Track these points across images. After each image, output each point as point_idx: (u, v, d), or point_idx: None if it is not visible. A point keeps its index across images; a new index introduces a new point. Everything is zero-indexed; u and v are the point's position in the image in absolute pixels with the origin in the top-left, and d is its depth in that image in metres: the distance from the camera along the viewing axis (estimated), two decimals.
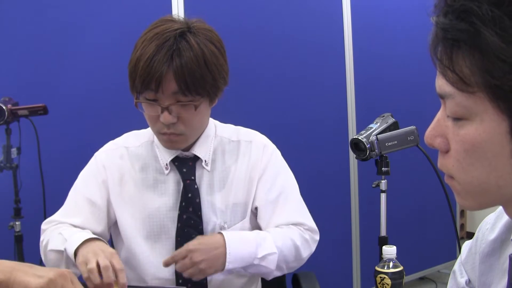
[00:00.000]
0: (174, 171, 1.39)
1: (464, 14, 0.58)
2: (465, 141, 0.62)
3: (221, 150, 1.43)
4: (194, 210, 1.36)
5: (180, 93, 1.24)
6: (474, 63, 0.58)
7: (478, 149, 0.61)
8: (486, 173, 0.62)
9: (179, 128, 1.29)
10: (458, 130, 0.63)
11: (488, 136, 0.60)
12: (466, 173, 0.64)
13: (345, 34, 2.98)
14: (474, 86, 0.59)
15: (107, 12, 2.43)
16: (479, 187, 0.64)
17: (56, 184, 2.29)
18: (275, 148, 1.48)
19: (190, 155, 1.39)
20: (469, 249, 0.89)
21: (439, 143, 0.67)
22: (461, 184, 0.66)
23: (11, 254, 2.11)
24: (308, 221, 1.44)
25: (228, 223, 1.39)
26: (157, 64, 1.20)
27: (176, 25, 1.26)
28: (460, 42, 0.59)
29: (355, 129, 3.01)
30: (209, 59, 1.25)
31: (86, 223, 1.38)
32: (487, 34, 0.56)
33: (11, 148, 2.06)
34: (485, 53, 0.57)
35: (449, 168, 0.66)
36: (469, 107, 0.61)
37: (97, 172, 1.42)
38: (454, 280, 0.93)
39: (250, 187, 1.41)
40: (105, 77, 2.40)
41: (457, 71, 0.60)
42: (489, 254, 0.81)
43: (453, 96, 0.62)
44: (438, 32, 0.61)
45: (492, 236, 0.81)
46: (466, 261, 0.90)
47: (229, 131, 1.46)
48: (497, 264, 0.79)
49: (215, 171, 1.40)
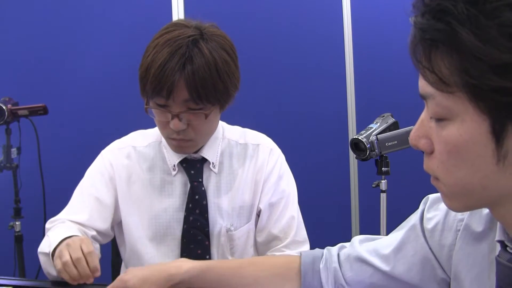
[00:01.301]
0: (181, 172, 1.38)
1: (441, 13, 0.57)
2: (447, 142, 0.62)
3: (228, 153, 1.42)
4: (201, 212, 1.36)
5: (191, 101, 1.22)
6: (452, 63, 0.58)
7: (461, 150, 0.61)
8: (470, 174, 0.62)
9: (189, 134, 1.28)
10: (441, 131, 0.63)
11: (469, 136, 0.59)
12: (450, 174, 0.63)
13: (345, 34, 2.98)
14: (453, 86, 0.59)
15: (107, 12, 2.43)
16: (464, 188, 0.63)
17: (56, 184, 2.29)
18: (280, 152, 1.48)
19: (198, 157, 1.38)
20: (436, 223, 0.87)
21: (423, 144, 0.66)
22: (446, 186, 0.65)
23: (11, 254, 2.12)
24: (298, 233, 1.43)
25: (235, 225, 1.39)
26: (169, 72, 1.19)
27: (189, 31, 1.24)
28: (438, 42, 0.58)
29: (355, 129, 3.01)
30: (221, 67, 1.23)
31: (91, 220, 1.36)
32: (463, 34, 0.55)
33: (11, 148, 2.06)
34: (462, 52, 0.56)
35: (434, 170, 0.66)
36: (449, 107, 0.60)
37: (105, 170, 1.40)
38: (415, 236, 0.90)
39: (256, 190, 1.41)
40: (105, 77, 2.41)
41: (436, 72, 0.60)
42: (471, 243, 0.79)
43: (433, 97, 0.62)
44: (417, 33, 0.61)
45: (478, 228, 0.78)
46: (432, 233, 0.87)
47: (236, 134, 1.46)
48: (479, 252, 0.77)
49: (222, 173, 1.40)
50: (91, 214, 1.37)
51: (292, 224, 1.42)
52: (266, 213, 1.41)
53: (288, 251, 1.40)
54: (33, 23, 2.32)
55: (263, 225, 1.42)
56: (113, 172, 1.40)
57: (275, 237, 1.41)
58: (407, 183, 3.15)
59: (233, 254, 1.40)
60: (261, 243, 1.43)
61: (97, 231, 1.37)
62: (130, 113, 2.36)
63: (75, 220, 1.37)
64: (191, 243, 1.35)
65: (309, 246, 1.45)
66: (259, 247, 1.44)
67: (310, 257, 1.01)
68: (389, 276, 0.92)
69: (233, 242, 1.39)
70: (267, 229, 1.42)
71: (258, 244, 1.44)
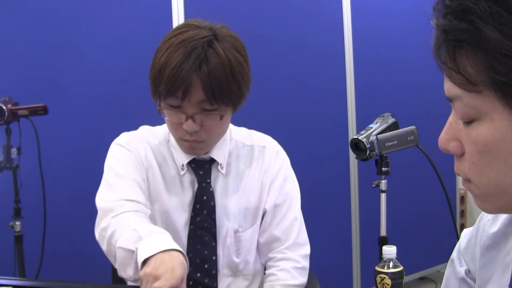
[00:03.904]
0: (189, 172, 1.38)
1: (463, 13, 0.57)
2: (478, 142, 0.62)
3: (235, 154, 1.42)
4: (208, 213, 1.36)
5: (206, 102, 1.22)
6: (478, 62, 0.57)
7: (492, 149, 0.61)
8: (502, 173, 0.61)
9: (202, 135, 1.28)
10: (470, 132, 0.62)
11: (500, 134, 0.59)
12: (482, 174, 0.63)
13: (345, 34, 2.98)
14: (480, 85, 0.58)
15: (107, 12, 2.43)
16: (496, 188, 0.63)
17: (56, 184, 2.29)
18: (285, 155, 1.49)
19: (207, 157, 1.38)
20: (469, 240, 0.88)
21: (453, 147, 0.66)
22: (479, 187, 0.65)
23: (11, 254, 2.11)
24: (300, 235, 1.43)
25: (243, 227, 1.39)
26: (185, 73, 1.19)
27: (203, 32, 1.24)
28: (462, 41, 0.58)
29: (355, 129, 3.01)
30: (235, 67, 1.24)
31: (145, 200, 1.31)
32: (487, 31, 0.55)
33: (11, 148, 2.06)
34: (487, 50, 0.56)
35: (466, 172, 0.66)
36: (478, 107, 0.60)
37: (132, 155, 1.35)
38: (452, 269, 0.92)
39: (262, 192, 1.41)
40: (105, 77, 2.41)
41: (462, 72, 0.59)
42: (490, 247, 0.80)
43: (461, 98, 0.61)
44: (440, 35, 0.61)
45: (493, 229, 0.80)
46: (466, 252, 0.89)
47: (243, 135, 1.47)
48: (497, 257, 0.78)
49: (229, 175, 1.40)
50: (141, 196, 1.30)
51: (294, 226, 1.43)
52: (270, 214, 1.42)
53: (290, 253, 1.41)
54: (33, 23, 2.32)
55: (266, 226, 1.43)
56: (140, 158, 1.36)
57: (276, 239, 1.42)
58: (407, 183, 3.16)
59: (239, 255, 1.40)
60: (263, 244, 1.43)
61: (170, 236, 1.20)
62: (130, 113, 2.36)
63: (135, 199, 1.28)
64: (197, 244, 1.35)
65: (309, 248, 1.46)
66: (260, 248, 1.45)
67: None
68: None
69: (239, 243, 1.39)
70: (269, 230, 1.42)
71: (260, 245, 1.44)
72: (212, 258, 1.36)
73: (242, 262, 1.41)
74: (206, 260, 1.35)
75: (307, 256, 1.44)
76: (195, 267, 1.34)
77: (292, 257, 1.40)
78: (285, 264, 1.39)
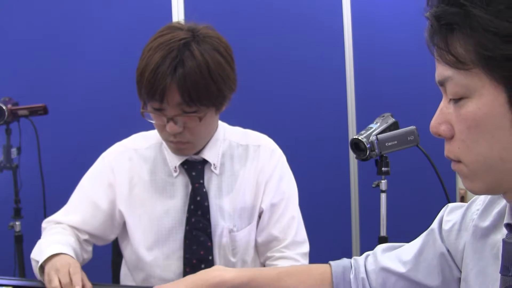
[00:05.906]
0: (182, 174, 1.39)
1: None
2: (467, 119, 0.65)
3: (229, 154, 1.42)
4: (202, 214, 1.36)
5: (184, 104, 1.23)
6: (468, 42, 0.62)
7: (480, 124, 0.64)
8: (489, 146, 0.64)
9: (186, 136, 1.29)
10: (460, 110, 0.66)
11: (487, 108, 0.63)
12: (471, 151, 0.66)
13: (345, 34, 2.98)
14: (469, 64, 0.63)
15: (107, 13, 2.43)
16: (484, 164, 0.66)
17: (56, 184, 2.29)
18: (282, 153, 1.48)
19: (199, 158, 1.38)
20: (453, 225, 0.90)
21: (443, 130, 0.69)
22: (468, 165, 0.68)
23: (11, 254, 2.11)
24: (298, 233, 1.44)
25: (237, 226, 1.39)
26: (161, 76, 1.20)
27: (181, 34, 1.24)
28: (453, 25, 0.63)
29: (355, 129, 3.01)
30: (214, 69, 1.23)
31: (84, 224, 1.38)
32: (476, 12, 0.60)
33: (11, 148, 2.06)
34: (476, 29, 0.61)
35: (455, 152, 0.69)
36: (467, 85, 0.64)
37: (105, 174, 1.41)
38: (432, 240, 0.94)
39: (258, 191, 1.42)
40: (105, 77, 2.41)
41: (452, 52, 0.64)
42: (478, 239, 0.82)
43: (452, 78, 0.65)
44: (433, 22, 0.66)
45: (484, 224, 0.82)
46: (449, 234, 0.90)
47: (237, 135, 1.46)
48: (486, 248, 0.80)
49: (223, 175, 1.40)
50: (85, 217, 1.38)
51: (292, 224, 1.42)
52: (267, 213, 1.42)
53: (288, 252, 1.40)
54: (33, 23, 2.32)
55: (263, 225, 1.42)
56: (114, 178, 1.40)
57: (274, 238, 1.42)
58: (407, 183, 3.15)
59: (235, 255, 1.40)
60: (261, 243, 1.43)
61: (90, 235, 1.39)
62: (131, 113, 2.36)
63: (69, 221, 1.38)
64: (193, 244, 1.36)
65: (308, 246, 1.46)
66: (259, 247, 1.45)
67: (340, 267, 1.02)
68: (412, 281, 0.94)
69: (235, 243, 1.39)
70: (267, 230, 1.42)
71: (258, 245, 1.44)
72: (208, 258, 1.36)
73: (239, 262, 1.41)
74: (203, 260, 1.36)
75: (306, 255, 1.44)
76: (192, 267, 1.35)
77: (291, 256, 1.40)
78: (284, 263, 1.39)
